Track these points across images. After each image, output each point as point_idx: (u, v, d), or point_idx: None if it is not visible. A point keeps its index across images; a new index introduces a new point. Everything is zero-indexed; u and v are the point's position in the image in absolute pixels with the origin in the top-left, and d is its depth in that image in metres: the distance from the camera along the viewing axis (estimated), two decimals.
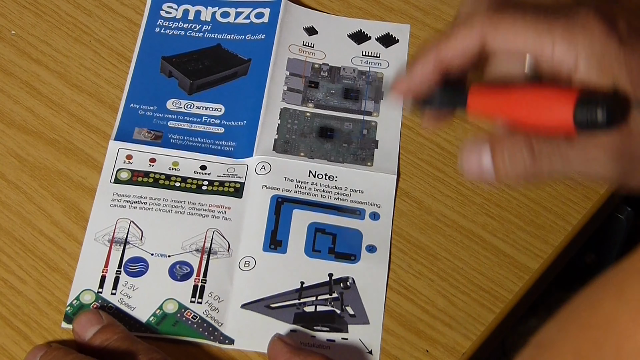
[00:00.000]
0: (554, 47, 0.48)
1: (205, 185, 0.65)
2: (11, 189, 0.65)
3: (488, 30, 0.49)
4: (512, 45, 0.49)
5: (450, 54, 0.50)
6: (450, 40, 0.50)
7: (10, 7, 0.74)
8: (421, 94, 0.52)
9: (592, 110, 0.47)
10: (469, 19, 0.50)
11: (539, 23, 0.49)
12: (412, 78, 0.51)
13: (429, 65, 0.51)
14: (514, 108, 0.50)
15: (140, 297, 0.60)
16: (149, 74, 0.71)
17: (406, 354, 0.59)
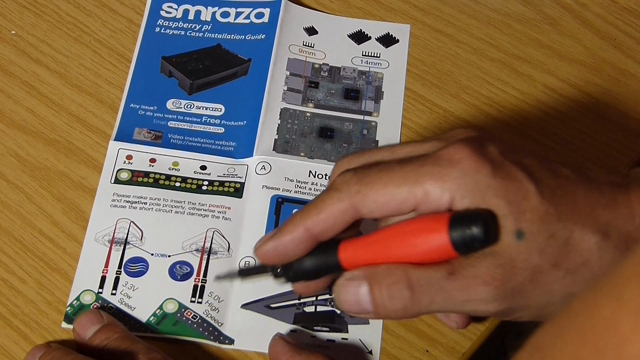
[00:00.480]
0: (427, 195, 0.47)
1: (205, 185, 0.65)
2: (11, 189, 0.65)
3: (358, 201, 0.49)
4: (386, 208, 0.49)
5: (320, 228, 0.50)
6: (320, 213, 0.50)
7: (10, 7, 0.74)
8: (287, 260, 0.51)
9: (466, 226, 0.46)
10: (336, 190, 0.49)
11: (407, 177, 0.48)
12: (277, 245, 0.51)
13: (296, 235, 0.50)
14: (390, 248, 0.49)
15: (140, 297, 0.60)
16: (149, 74, 0.71)
17: (406, 354, 0.59)
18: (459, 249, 0.46)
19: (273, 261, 0.52)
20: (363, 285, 0.49)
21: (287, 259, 0.51)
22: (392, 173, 0.48)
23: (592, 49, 0.74)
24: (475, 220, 0.46)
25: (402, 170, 0.48)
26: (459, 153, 0.48)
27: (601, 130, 0.69)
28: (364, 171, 0.50)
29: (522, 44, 0.74)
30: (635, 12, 0.76)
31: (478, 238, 0.46)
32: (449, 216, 0.46)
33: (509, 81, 0.72)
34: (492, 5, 0.76)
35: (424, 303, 0.48)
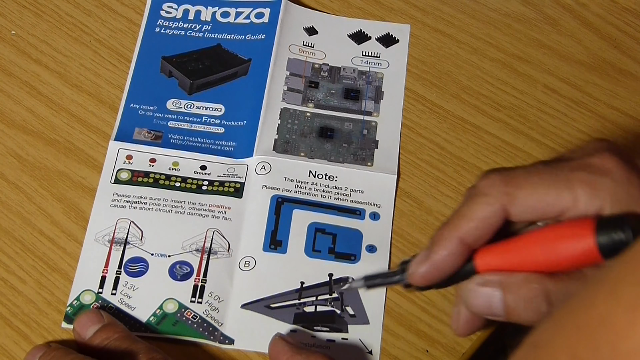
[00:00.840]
0: (577, 201, 0.46)
1: (205, 185, 0.65)
2: (11, 189, 0.65)
3: (507, 203, 0.47)
4: (535, 212, 0.47)
5: (473, 236, 0.47)
6: (470, 221, 0.47)
7: (10, 7, 0.74)
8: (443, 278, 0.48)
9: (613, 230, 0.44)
10: (484, 195, 0.47)
11: (557, 181, 0.46)
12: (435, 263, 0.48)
13: (452, 248, 0.47)
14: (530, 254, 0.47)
15: (140, 297, 0.60)
16: (149, 74, 0.71)
17: (406, 354, 0.59)
18: (606, 253, 0.45)
19: (432, 282, 0.49)
20: (496, 292, 0.47)
21: (444, 276, 0.48)
22: (541, 175, 0.47)
23: (592, 49, 0.74)
24: (623, 225, 0.44)
25: (551, 173, 0.47)
26: (609, 162, 0.46)
27: (601, 130, 0.69)
28: (510, 173, 0.48)
29: (522, 44, 0.74)
30: (635, 12, 0.76)
31: (626, 242, 0.44)
32: (595, 220, 0.45)
33: (509, 81, 0.72)
34: (492, 5, 0.76)
35: None
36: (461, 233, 0.47)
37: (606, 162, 0.46)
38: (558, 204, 0.46)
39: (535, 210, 0.47)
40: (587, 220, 0.45)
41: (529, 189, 0.47)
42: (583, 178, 0.46)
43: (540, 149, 0.68)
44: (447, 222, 0.48)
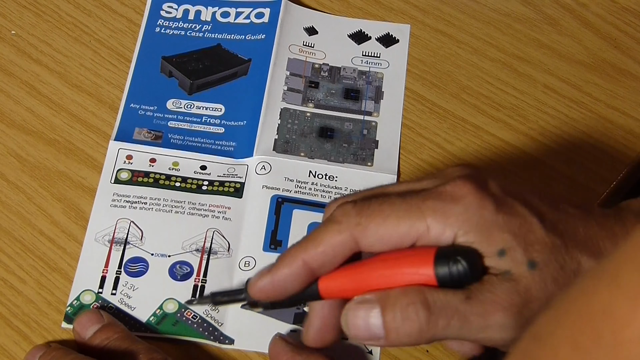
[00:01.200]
0: (429, 230, 0.47)
1: (206, 185, 0.65)
2: (11, 189, 0.65)
3: (357, 233, 0.47)
4: (387, 242, 0.47)
5: (318, 261, 0.48)
6: (318, 246, 0.48)
7: (10, 7, 0.74)
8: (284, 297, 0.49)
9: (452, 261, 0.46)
10: (335, 222, 0.48)
11: (409, 211, 0.47)
12: (274, 280, 0.49)
13: (294, 269, 0.48)
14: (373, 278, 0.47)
15: (140, 297, 0.60)
16: (149, 74, 0.71)
17: (406, 354, 0.59)
18: (442, 282, 0.46)
19: (269, 297, 0.50)
20: (375, 309, 0.47)
21: (284, 295, 0.49)
22: (394, 206, 0.47)
23: (592, 49, 0.74)
24: (461, 256, 0.46)
25: (403, 204, 0.47)
26: (461, 189, 0.47)
27: (601, 130, 0.69)
28: (364, 203, 0.48)
29: (522, 44, 0.74)
30: (635, 12, 0.76)
31: (463, 274, 0.46)
32: (436, 250, 0.46)
33: (509, 81, 0.72)
34: (492, 5, 0.76)
35: (440, 326, 0.46)
36: (306, 256, 0.48)
37: (458, 189, 0.47)
38: (410, 234, 0.47)
39: (387, 241, 0.47)
40: (429, 250, 0.46)
41: (380, 220, 0.47)
42: (434, 207, 0.47)
43: (540, 149, 0.68)
44: (296, 243, 0.48)
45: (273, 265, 0.49)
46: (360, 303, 0.47)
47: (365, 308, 0.47)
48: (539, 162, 0.68)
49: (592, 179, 0.66)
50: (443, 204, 0.47)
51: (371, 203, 0.48)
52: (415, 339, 0.46)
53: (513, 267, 0.46)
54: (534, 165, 0.67)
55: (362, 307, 0.47)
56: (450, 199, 0.47)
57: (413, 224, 0.47)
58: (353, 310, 0.47)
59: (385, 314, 0.46)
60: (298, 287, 0.49)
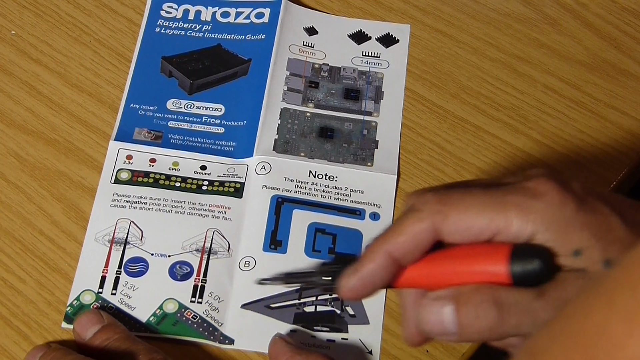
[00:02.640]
0: (510, 225, 0.46)
1: (206, 185, 0.65)
2: (11, 189, 0.65)
3: (439, 221, 0.47)
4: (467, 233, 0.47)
5: (401, 251, 0.47)
6: (400, 235, 0.47)
7: (10, 7, 0.74)
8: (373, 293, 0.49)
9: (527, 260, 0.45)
10: (416, 211, 0.47)
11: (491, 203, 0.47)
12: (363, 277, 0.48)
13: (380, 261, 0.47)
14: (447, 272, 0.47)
15: (140, 297, 0.60)
16: (149, 74, 0.71)
17: (406, 354, 0.59)
18: (516, 280, 0.46)
19: (361, 296, 0.49)
20: (448, 305, 0.46)
21: (374, 290, 0.48)
22: (476, 197, 0.47)
23: (592, 49, 0.74)
24: (536, 255, 0.46)
25: (485, 195, 0.47)
26: (544, 186, 0.47)
27: (601, 130, 0.69)
28: (446, 192, 0.48)
29: (522, 44, 0.74)
30: (635, 12, 0.76)
31: (538, 272, 0.45)
32: (511, 247, 0.46)
33: (509, 81, 0.72)
34: (492, 5, 0.76)
35: (512, 324, 0.46)
36: (389, 246, 0.47)
37: (541, 186, 0.47)
38: (490, 227, 0.46)
39: (467, 232, 0.47)
40: (504, 246, 0.46)
41: (462, 209, 0.47)
42: (516, 201, 0.46)
43: (540, 149, 0.68)
44: (379, 235, 0.48)
45: (357, 263, 0.48)
46: (434, 299, 0.47)
47: (439, 304, 0.47)
48: (539, 162, 0.68)
49: (592, 179, 0.66)
50: (525, 199, 0.47)
51: (453, 192, 0.48)
52: (488, 335, 0.47)
53: (589, 266, 0.46)
54: (534, 165, 0.67)
55: (436, 303, 0.47)
56: (532, 194, 0.47)
57: (494, 216, 0.46)
58: (427, 307, 0.47)
59: (458, 311, 0.46)
60: (386, 279, 0.48)
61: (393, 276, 0.48)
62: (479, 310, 0.46)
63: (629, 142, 0.69)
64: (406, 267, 0.48)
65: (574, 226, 0.46)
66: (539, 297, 0.46)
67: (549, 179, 0.47)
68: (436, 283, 0.48)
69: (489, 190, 0.47)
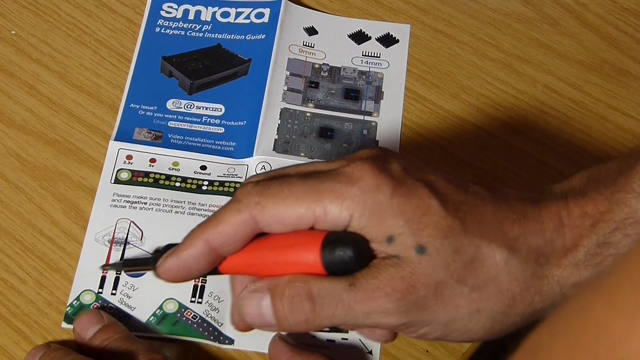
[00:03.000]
0: (326, 212, 0.46)
1: (206, 185, 0.65)
2: (11, 189, 0.65)
3: (257, 213, 0.47)
4: (285, 223, 0.47)
5: (219, 240, 0.48)
6: (218, 225, 0.48)
7: (10, 7, 0.74)
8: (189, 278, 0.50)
9: (338, 248, 0.46)
10: (236, 201, 0.48)
11: (308, 192, 0.47)
12: (179, 261, 0.49)
13: (198, 248, 0.48)
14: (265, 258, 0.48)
15: (140, 297, 0.60)
16: (149, 74, 0.71)
17: (406, 354, 0.59)
18: (329, 269, 0.46)
19: (177, 278, 0.50)
20: (266, 298, 0.47)
21: (190, 276, 0.50)
22: (293, 187, 0.47)
23: (592, 49, 0.74)
24: (347, 243, 0.46)
25: (303, 185, 0.47)
26: (360, 171, 0.47)
27: (601, 130, 0.69)
28: (266, 183, 0.48)
29: (522, 44, 0.74)
30: (635, 12, 0.76)
31: (348, 261, 0.46)
32: (323, 237, 0.46)
33: (509, 81, 0.72)
34: (492, 5, 0.76)
35: (326, 316, 0.47)
36: (207, 235, 0.48)
37: (357, 171, 0.47)
38: (308, 215, 0.47)
39: (285, 222, 0.47)
40: (319, 235, 0.47)
41: (279, 199, 0.47)
42: (331, 188, 0.47)
43: (540, 149, 0.68)
44: (200, 223, 0.49)
45: (177, 246, 0.49)
46: (252, 292, 0.48)
47: (257, 297, 0.48)
48: (539, 162, 0.68)
49: None
50: (340, 186, 0.47)
51: (272, 183, 0.48)
52: (305, 327, 0.47)
53: (401, 252, 0.46)
54: (534, 165, 0.68)
55: (254, 296, 0.48)
56: (347, 180, 0.47)
57: (310, 205, 0.47)
58: (246, 299, 0.48)
59: (274, 304, 0.47)
60: (203, 267, 0.49)
61: (210, 264, 0.49)
62: (293, 304, 0.47)
63: (629, 142, 0.69)
64: (226, 256, 0.49)
65: (388, 212, 0.46)
66: (350, 287, 0.46)
67: (366, 162, 0.47)
68: (257, 272, 0.49)
69: (307, 180, 0.47)
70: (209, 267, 0.49)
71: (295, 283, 0.47)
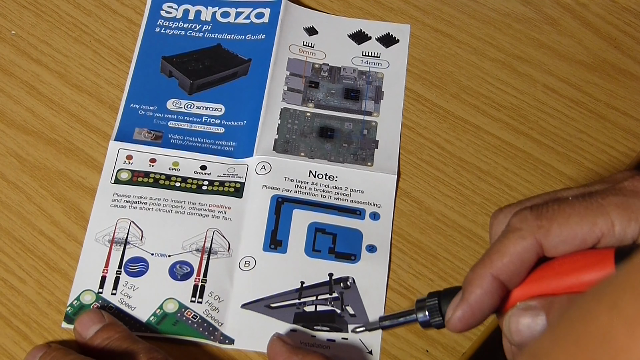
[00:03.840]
0: (612, 227, 0.45)
1: (206, 185, 0.65)
2: (11, 189, 0.65)
3: (541, 237, 0.45)
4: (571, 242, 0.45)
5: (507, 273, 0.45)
6: (504, 257, 0.45)
7: (10, 7, 0.74)
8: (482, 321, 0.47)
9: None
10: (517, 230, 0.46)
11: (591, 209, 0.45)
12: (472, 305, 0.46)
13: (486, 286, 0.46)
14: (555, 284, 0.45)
15: (140, 297, 0.60)
16: (149, 74, 0.71)
17: (406, 354, 0.59)
18: None
19: (471, 325, 0.47)
20: (540, 316, 0.45)
21: (483, 318, 0.47)
22: (574, 206, 0.46)
23: (592, 49, 0.74)
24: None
25: (584, 202, 0.46)
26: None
27: (601, 130, 0.69)
28: (543, 207, 0.46)
29: (522, 44, 0.74)
30: (635, 12, 0.76)
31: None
32: (615, 250, 0.45)
33: (509, 81, 0.72)
34: (492, 5, 0.76)
35: None
36: (494, 270, 0.46)
37: (638, 185, 0.46)
38: (594, 231, 0.45)
39: (571, 241, 0.46)
40: (607, 251, 0.45)
41: (562, 220, 0.45)
42: (616, 202, 0.45)
43: (540, 149, 0.68)
44: (480, 260, 0.46)
45: (463, 291, 0.47)
46: (524, 310, 0.46)
47: (530, 315, 0.46)
48: (539, 162, 0.68)
49: (592, 179, 0.66)
50: (626, 199, 0.45)
51: (549, 206, 0.46)
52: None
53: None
54: (534, 165, 0.68)
55: (527, 313, 0.46)
56: (632, 193, 0.46)
57: (596, 220, 0.45)
58: (517, 317, 0.46)
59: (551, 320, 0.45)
60: (494, 305, 0.46)
61: (500, 301, 0.46)
62: None
63: (629, 142, 0.69)
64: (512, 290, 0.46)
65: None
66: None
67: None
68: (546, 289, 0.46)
69: (587, 198, 0.46)
70: (499, 304, 0.46)
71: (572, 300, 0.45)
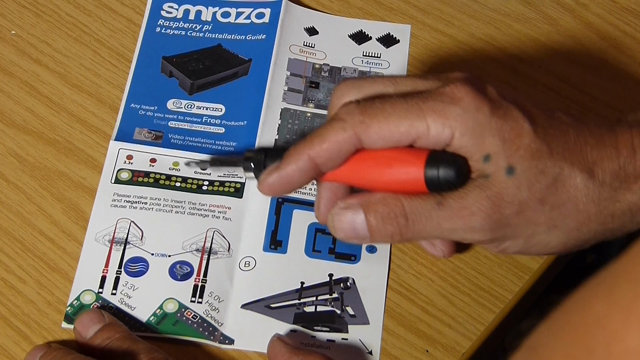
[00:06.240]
0: (428, 130, 0.49)
1: (206, 185, 0.65)
2: (11, 189, 0.65)
3: (361, 131, 0.50)
4: (388, 140, 0.50)
5: (323, 157, 0.51)
6: (323, 142, 0.51)
7: (10, 7, 0.74)
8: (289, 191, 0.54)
9: (441, 166, 0.49)
10: (340, 120, 0.51)
11: (410, 110, 0.50)
12: (282, 176, 0.52)
13: (301, 164, 0.51)
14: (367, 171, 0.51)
15: (140, 297, 0.60)
16: (150, 74, 0.71)
17: (406, 354, 0.59)
18: (431, 186, 0.49)
19: (277, 193, 0.54)
20: (359, 214, 0.51)
21: (290, 189, 0.53)
22: (396, 106, 0.50)
23: (592, 49, 0.74)
24: (450, 163, 0.49)
25: (405, 104, 0.50)
26: (460, 91, 0.49)
27: None
28: (368, 103, 0.51)
29: (522, 44, 0.74)
30: (635, 12, 0.76)
31: (450, 179, 0.49)
32: (428, 154, 0.49)
33: (509, 81, 0.72)
34: (492, 5, 0.76)
35: (416, 230, 0.50)
36: (312, 152, 0.51)
37: (457, 91, 0.50)
38: (410, 133, 0.50)
39: (389, 139, 0.50)
40: (422, 152, 0.50)
41: (382, 118, 0.50)
42: (434, 107, 0.49)
43: None
44: (303, 139, 0.52)
45: (280, 162, 0.52)
46: (345, 208, 0.52)
47: (351, 212, 0.51)
48: None
49: None
50: (443, 105, 0.49)
51: (374, 102, 0.51)
52: (397, 239, 0.51)
53: (493, 172, 0.49)
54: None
55: (347, 211, 0.51)
56: (449, 100, 0.49)
57: (413, 123, 0.49)
58: (339, 215, 0.52)
59: (368, 220, 0.51)
60: (303, 182, 0.52)
61: (311, 179, 0.52)
62: (386, 220, 0.50)
63: None
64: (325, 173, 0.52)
65: (487, 131, 0.49)
66: (438, 205, 0.50)
67: (466, 84, 0.50)
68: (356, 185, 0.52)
69: (408, 99, 0.50)
70: (309, 181, 0.52)
71: (389, 200, 0.50)
